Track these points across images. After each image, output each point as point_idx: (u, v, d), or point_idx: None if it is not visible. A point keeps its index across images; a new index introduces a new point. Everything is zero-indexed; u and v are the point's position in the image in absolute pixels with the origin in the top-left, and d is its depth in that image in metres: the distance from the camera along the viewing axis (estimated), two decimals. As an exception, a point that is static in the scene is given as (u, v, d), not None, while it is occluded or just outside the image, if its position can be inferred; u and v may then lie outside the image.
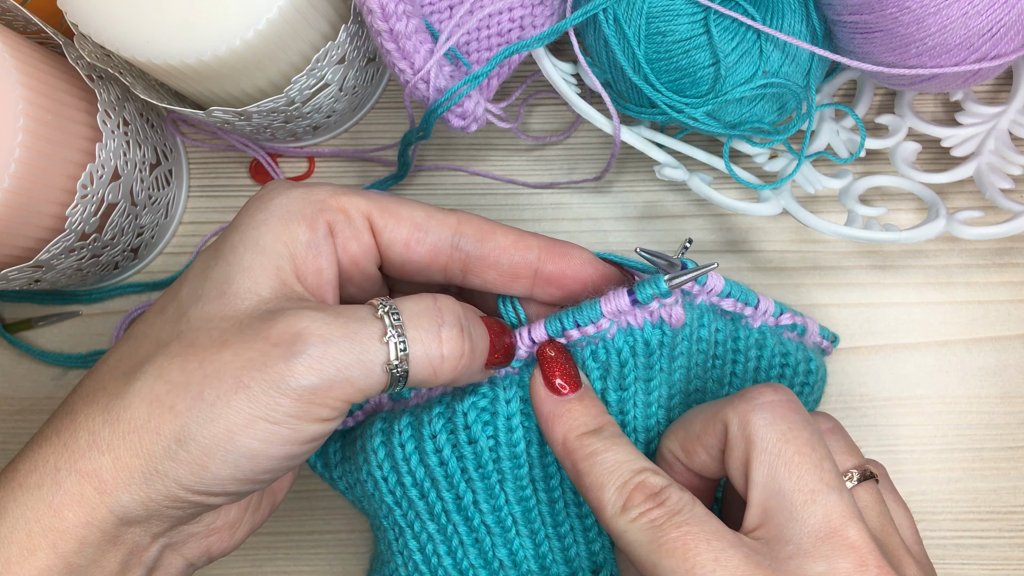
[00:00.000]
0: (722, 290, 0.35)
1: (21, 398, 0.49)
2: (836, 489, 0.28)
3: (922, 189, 0.44)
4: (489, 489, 0.35)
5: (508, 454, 0.34)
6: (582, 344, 0.33)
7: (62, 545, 0.27)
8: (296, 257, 0.30)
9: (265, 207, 0.30)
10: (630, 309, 0.32)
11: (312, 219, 0.30)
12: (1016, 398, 0.46)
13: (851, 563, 0.27)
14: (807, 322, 0.40)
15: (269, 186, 0.32)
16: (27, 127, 0.37)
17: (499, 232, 0.33)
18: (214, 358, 0.27)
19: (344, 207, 0.31)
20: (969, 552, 0.46)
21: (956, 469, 0.46)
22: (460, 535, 0.35)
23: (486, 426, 0.33)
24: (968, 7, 0.36)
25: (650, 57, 0.39)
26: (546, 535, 0.36)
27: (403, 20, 0.37)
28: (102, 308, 0.49)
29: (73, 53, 0.40)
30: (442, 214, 0.32)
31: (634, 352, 0.33)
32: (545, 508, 0.35)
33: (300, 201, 0.30)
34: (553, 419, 0.32)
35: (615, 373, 0.34)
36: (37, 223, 0.39)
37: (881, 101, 0.48)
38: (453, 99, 0.39)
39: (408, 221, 0.31)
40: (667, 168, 0.42)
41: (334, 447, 0.38)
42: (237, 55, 0.37)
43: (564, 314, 0.33)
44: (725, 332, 0.36)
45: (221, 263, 0.29)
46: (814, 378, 0.39)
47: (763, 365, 0.38)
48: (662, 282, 0.32)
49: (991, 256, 0.47)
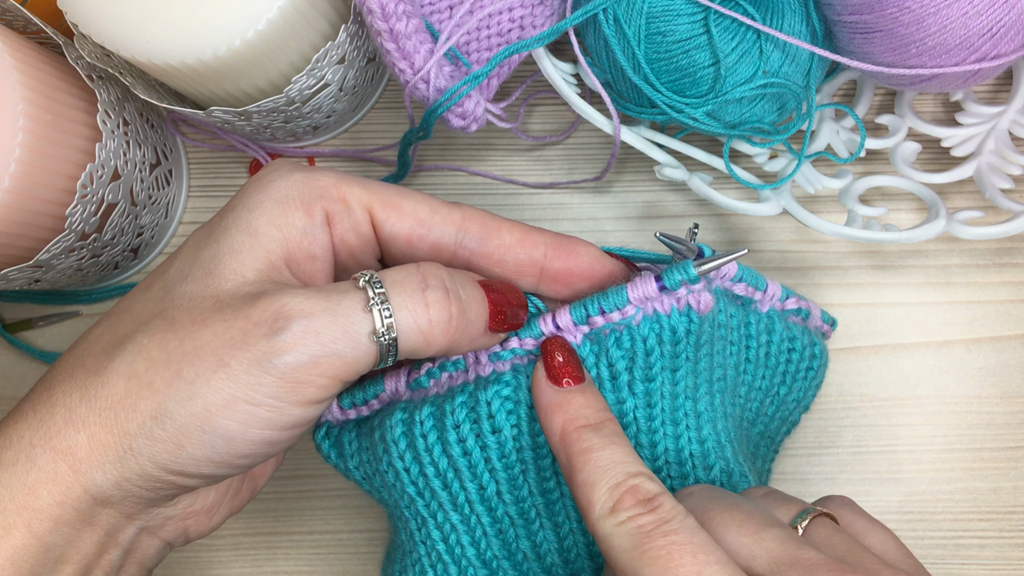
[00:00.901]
0: (735, 275, 0.35)
1: (21, 398, 0.49)
2: (776, 526, 0.28)
3: (922, 189, 0.44)
4: (512, 480, 0.34)
5: (530, 444, 0.33)
6: (606, 331, 0.33)
7: (37, 524, 0.26)
8: (289, 242, 0.29)
9: (264, 188, 0.29)
10: (657, 296, 0.32)
11: (309, 205, 0.29)
12: (1016, 398, 0.46)
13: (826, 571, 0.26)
14: (810, 306, 0.40)
15: (272, 165, 0.31)
16: (27, 127, 0.37)
17: (504, 229, 0.32)
18: (194, 336, 0.26)
19: (345, 197, 0.30)
20: (969, 552, 0.46)
21: (956, 469, 0.46)
22: (483, 525, 0.35)
23: (510, 415, 0.33)
24: (968, 7, 0.36)
25: (650, 57, 0.39)
26: (570, 529, 0.35)
27: (403, 20, 0.37)
28: (102, 308, 0.49)
29: (73, 53, 0.40)
30: (447, 209, 0.31)
31: (660, 340, 0.33)
32: (569, 502, 0.35)
33: (300, 186, 0.29)
34: (552, 409, 0.31)
35: (640, 362, 0.33)
36: (37, 223, 0.39)
37: (881, 101, 0.48)
38: (453, 99, 0.39)
39: (411, 216, 0.31)
40: (667, 168, 0.42)
41: (349, 437, 0.37)
42: (237, 55, 0.37)
43: (589, 300, 0.32)
44: (738, 317, 0.36)
45: (212, 243, 0.29)
46: (818, 363, 0.39)
47: (772, 351, 0.37)
48: (691, 267, 0.31)
49: (991, 256, 0.47)
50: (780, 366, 0.38)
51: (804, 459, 0.47)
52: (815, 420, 0.47)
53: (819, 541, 0.29)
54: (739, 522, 0.28)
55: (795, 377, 0.39)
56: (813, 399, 0.41)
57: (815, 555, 0.26)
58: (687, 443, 0.34)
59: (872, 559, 0.28)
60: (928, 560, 0.46)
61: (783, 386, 0.39)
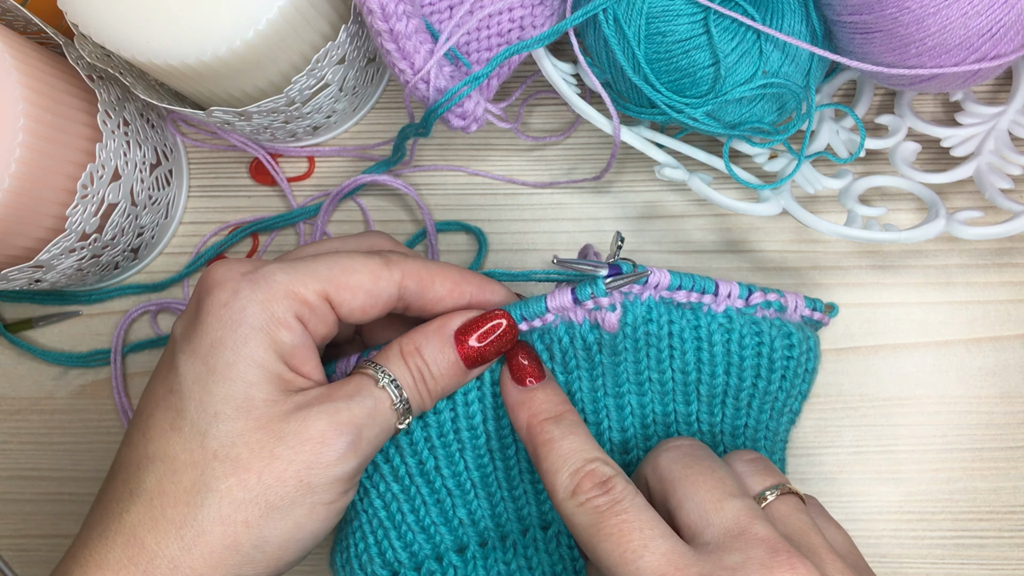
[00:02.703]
0: (670, 284, 0.37)
1: (21, 398, 0.49)
2: (739, 497, 0.32)
3: (922, 189, 0.44)
4: (450, 456, 0.38)
5: (467, 426, 0.37)
6: (530, 331, 0.37)
7: None
8: (285, 357, 0.33)
9: (240, 320, 0.32)
10: (572, 306, 0.36)
11: (286, 321, 0.33)
12: (1016, 398, 0.46)
13: (763, 551, 0.30)
14: (787, 297, 0.40)
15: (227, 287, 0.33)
16: (27, 127, 0.37)
17: (437, 281, 0.36)
18: (270, 469, 0.31)
19: (306, 299, 0.33)
20: (969, 552, 0.46)
21: (956, 469, 0.46)
22: (423, 495, 0.38)
23: (448, 400, 0.37)
24: (968, 7, 0.36)
25: (650, 57, 0.39)
26: (501, 497, 0.39)
27: (403, 20, 0.37)
28: (102, 308, 0.49)
29: (73, 53, 0.40)
30: (387, 272, 0.35)
31: (573, 344, 0.37)
32: (501, 474, 0.39)
33: (269, 305, 0.33)
34: (518, 406, 0.35)
35: (559, 357, 0.37)
36: (37, 223, 0.39)
37: (881, 101, 0.48)
38: (453, 100, 0.39)
39: (360, 291, 0.34)
40: (667, 168, 0.42)
41: None
42: (237, 55, 0.37)
43: (513, 307, 0.36)
44: (682, 323, 0.38)
45: (223, 381, 0.32)
46: (797, 351, 0.39)
47: (733, 348, 0.38)
48: (600, 282, 0.35)
49: (991, 256, 0.47)
50: (748, 360, 0.39)
51: (804, 459, 0.47)
52: (815, 420, 0.47)
53: (777, 516, 0.33)
54: (708, 487, 0.32)
55: (771, 369, 0.39)
56: (808, 387, 0.41)
57: (764, 531, 0.30)
58: (607, 430, 0.39)
59: (821, 543, 0.32)
60: (928, 560, 0.46)
61: (759, 380, 0.39)
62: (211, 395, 0.32)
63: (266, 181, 0.49)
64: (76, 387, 0.49)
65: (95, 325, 0.49)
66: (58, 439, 0.49)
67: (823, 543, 0.32)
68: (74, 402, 0.49)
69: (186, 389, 0.32)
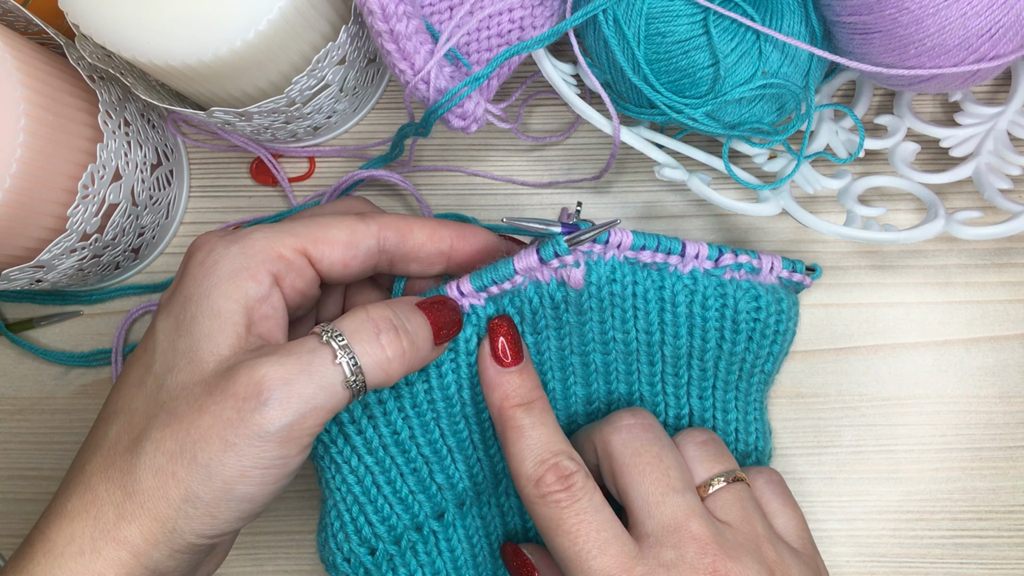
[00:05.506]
0: (632, 244, 0.37)
1: (22, 398, 0.49)
2: (680, 492, 0.34)
3: (921, 189, 0.44)
4: (424, 425, 0.38)
5: (441, 396, 0.38)
6: (501, 295, 0.37)
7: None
8: (249, 310, 0.33)
9: (212, 271, 0.33)
10: (538, 266, 0.36)
11: (255, 272, 0.33)
12: (1015, 398, 0.47)
13: (695, 550, 0.32)
14: (762, 259, 0.39)
15: (205, 244, 0.34)
16: (28, 127, 0.37)
17: (416, 228, 0.37)
18: (197, 423, 0.30)
19: (282, 254, 0.34)
20: (968, 551, 0.46)
21: (955, 468, 0.46)
22: (398, 465, 0.38)
23: (421, 372, 0.37)
24: (967, 8, 0.36)
25: (650, 58, 0.39)
26: (478, 459, 0.40)
27: (403, 21, 0.37)
28: (103, 308, 0.49)
29: (74, 54, 0.40)
30: (363, 225, 0.36)
31: (542, 303, 0.37)
32: (477, 437, 0.40)
33: (241, 257, 0.33)
34: (492, 386, 0.37)
35: (528, 318, 0.38)
36: (38, 223, 0.39)
37: (880, 101, 0.48)
38: (453, 100, 0.39)
39: (339, 243, 0.35)
40: (667, 168, 0.42)
41: None
42: (238, 55, 0.37)
43: (484, 271, 0.37)
44: (646, 283, 0.38)
45: (185, 334, 0.32)
46: (764, 313, 0.39)
47: (696, 310, 0.39)
48: (562, 240, 0.35)
49: (990, 256, 0.47)
50: (712, 322, 0.39)
51: (803, 459, 0.47)
52: (815, 420, 0.47)
53: (721, 504, 0.35)
54: (652, 479, 0.34)
55: (735, 330, 0.39)
56: (780, 348, 0.41)
57: (698, 530, 0.33)
58: (572, 384, 0.41)
59: (762, 530, 0.34)
60: (927, 559, 0.46)
61: (724, 341, 0.40)
62: (174, 349, 0.32)
63: (266, 181, 0.49)
64: (77, 387, 0.49)
65: (96, 325, 0.49)
66: (59, 439, 0.49)
67: (764, 531, 0.35)
68: (75, 402, 0.49)
69: (157, 345, 0.33)
